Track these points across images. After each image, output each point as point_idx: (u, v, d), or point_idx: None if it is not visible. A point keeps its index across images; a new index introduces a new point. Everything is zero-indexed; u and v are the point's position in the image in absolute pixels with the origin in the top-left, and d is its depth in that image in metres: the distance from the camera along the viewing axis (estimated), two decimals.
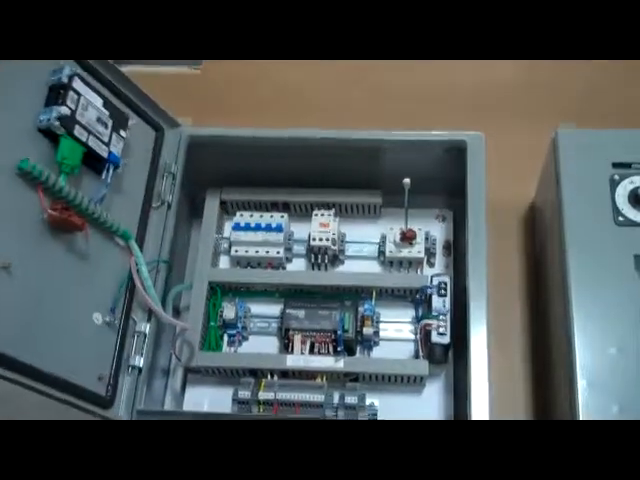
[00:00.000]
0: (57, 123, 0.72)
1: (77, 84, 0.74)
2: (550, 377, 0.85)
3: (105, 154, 0.77)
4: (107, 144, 0.77)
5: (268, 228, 0.90)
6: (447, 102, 1.05)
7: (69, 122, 0.73)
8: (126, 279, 0.81)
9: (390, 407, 0.83)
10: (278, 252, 0.90)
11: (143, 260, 0.81)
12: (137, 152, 0.85)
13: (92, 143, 0.75)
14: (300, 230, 0.92)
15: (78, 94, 0.74)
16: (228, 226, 0.93)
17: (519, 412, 0.87)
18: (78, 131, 0.74)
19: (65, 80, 0.73)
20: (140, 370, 0.80)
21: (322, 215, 0.90)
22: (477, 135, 0.86)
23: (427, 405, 0.84)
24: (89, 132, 0.75)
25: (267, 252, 0.90)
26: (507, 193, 0.97)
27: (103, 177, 0.78)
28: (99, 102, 0.77)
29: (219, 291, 0.89)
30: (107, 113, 0.78)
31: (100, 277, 0.78)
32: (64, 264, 0.74)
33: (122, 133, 0.79)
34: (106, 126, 0.77)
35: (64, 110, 0.72)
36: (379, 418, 0.82)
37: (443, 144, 0.87)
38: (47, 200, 0.71)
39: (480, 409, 0.74)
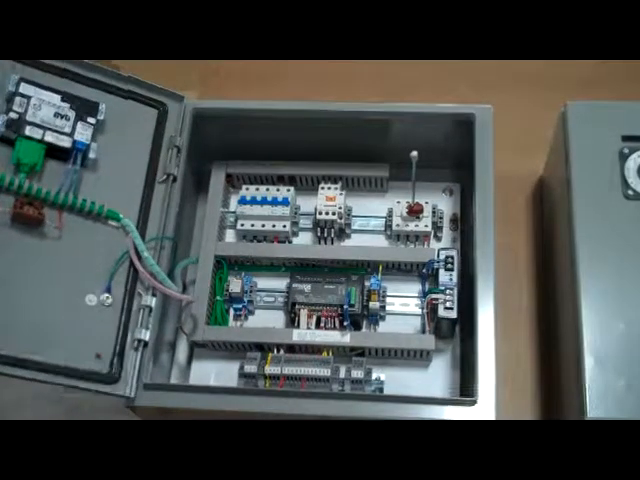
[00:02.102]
0: (3, 129, 0.79)
1: (25, 88, 0.81)
2: (557, 354, 0.85)
3: (68, 144, 0.81)
4: (70, 134, 0.82)
5: (274, 202, 0.90)
6: (455, 74, 1.04)
7: (18, 125, 0.80)
8: (122, 258, 0.82)
9: (396, 381, 0.83)
10: (284, 226, 0.89)
11: (140, 237, 0.82)
12: (135, 130, 0.87)
13: (50, 138, 0.81)
14: (306, 204, 0.92)
15: (27, 97, 0.81)
16: (234, 200, 0.93)
17: (526, 391, 0.87)
18: (31, 131, 0.80)
19: (12, 89, 0.80)
20: (146, 344, 0.80)
21: (328, 189, 0.90)
22: (485, 108, 0.86)
23: (433, 380, 0.84)
24: (45, 129, 0.80)
25: (273, 226, 0.89)
26: (515, 167, 0.97)
27: (71, 165, 0.82)
28: (56, 98, 0.82)
29: (225, 265, 0.89)
30: (67, 105, 0.82)
31: (93, 260, 0.81)
32: (39, 256, 0.78)
33: (90, 120, 0.83)
34: (67, 118, 0.81)
35: (12, 115, 0.80)
36: (385, 392, 0.82)
37: (451, 117, 0.86)
38: (10, 199, 0.78)
39: (486, 386, 0.75)
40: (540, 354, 0.89)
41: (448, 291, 0.83)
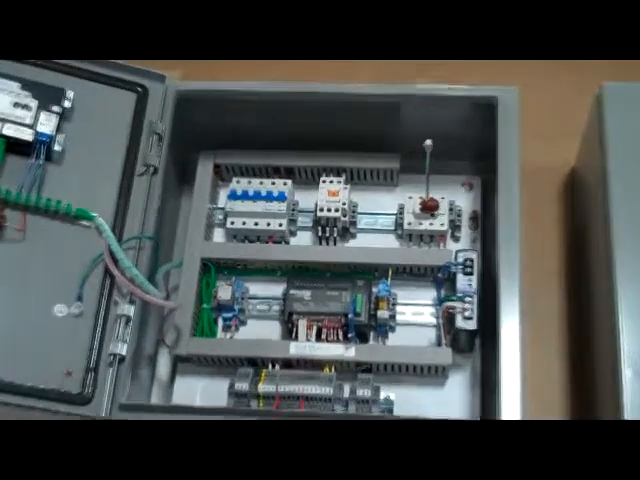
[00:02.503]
0: None
1: None
2: (591, 367, 0.85)
3: (30, 137, 0.82)
4: (31, 126, 0.82)
5: (269, 197, 0.90)
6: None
7: None
8: (95, 262, 0.82)
9: (408, 401, 0.83)
10: (280, 224, 0.89)
11: (114, 238, 0.82)
12: (109, 117, 0.87)
13: (9, 131, 0.81)
14: (305, 199, 0.92)
15: None
16: (223, 194, 0.93)
17: (554, 407, 0.87)
18: None
19: None
20: (123, 358, 0.80)
21: (331, 182, 0.90)
22: (510, 90, 0.85)
23: (450, 400, 0.84)
24: (3, 121, 0.81)
25: (268, 224, 0.89)
26: (544, 157, 0.97)
27: (34, 160, 0.82)
28: (14, 86, 0.82)
29: (213, 269, 0.89)
30: (27, 94, 0.82)
31: (62, 266, 0.81)
32: (0, 262, 0.80)
33: (55, 108, 0.83)
34: (28, 108, 0.82)
35: None
36: (395, 413, 0.82)
37: (471, 100, 0.86)
38: None
39: (511, 406, 0.74)
40: (571, 368, 0.89)
41: (467, 299, 0.83)
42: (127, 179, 0.86)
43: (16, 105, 0.81)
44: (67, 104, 0.84)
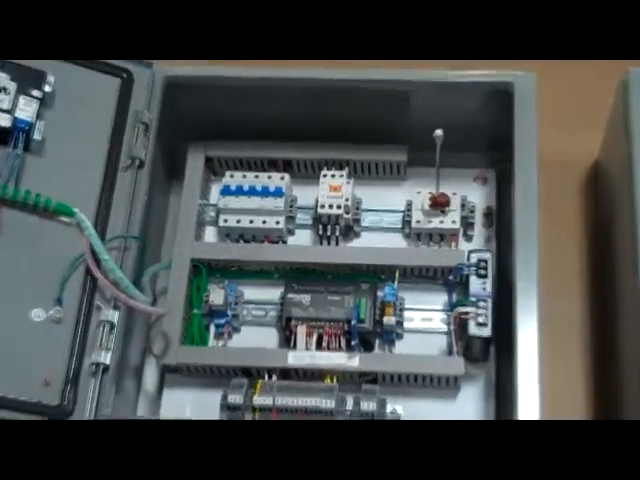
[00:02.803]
0: None
1: None
2: (615, 375, 0.85)
3: (7, 123, 0.81)
4: (9, 111, 0.82)
5: (265, 192, 0.90)
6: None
7: None
8: (76, 263, 0.82)
9: (416, 415, 0.83)
10: (277, 222, 0.89)
11: (98, 236, 0.82)
12: (92, 105, 0.87)
13: None
14: (305, 195, 0.92)
15: None
16: (215, 190, 0.93)
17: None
18: None
19: None
20: (106, 368, 0.79)
21: (332, 176, 0.90)
22: (527, 75, 0.85)
23: (462, 413, 0.84)
24: None
25: (264, 222, 0.89)
26: (564, 148, 0.96)
27: (11, 149, 0.82)
28: None
29: (204, 271, 0.89)
30: (6, 76, 0.82)
31: (40, 266, 0.81)
32: None
33: (35, 93, 0.83)
34: (6, 91, 0.81)
35: None
36: None
37: (485, 86, 0.87)
38: None
39: (529, 419, 0.74)
40: (594, 377, 0.89)
41: (481, 303, 0.83)
42: (111, 172, 0.86)
43: None
44: (47, 89, 0.84)
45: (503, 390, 0.83)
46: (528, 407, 0.74)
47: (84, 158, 0.86)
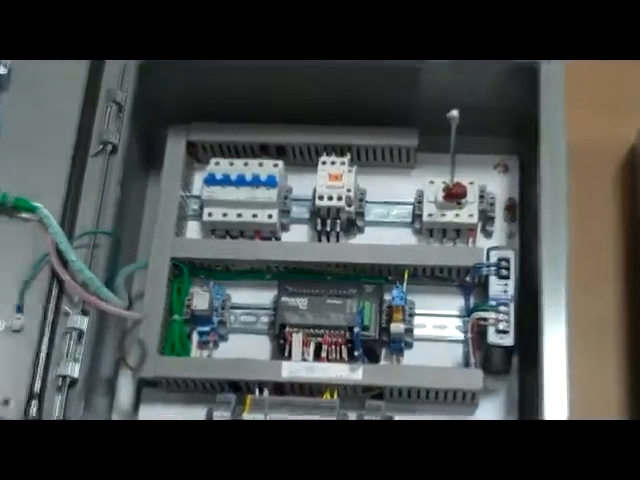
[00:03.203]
0: None
1: None
2: None
3: None
4: None
5: (256, 181, 0.89)
6: None
7: None
8: (39, 264, 0.82)
9: None
10: (270, 216, 0.89)
11: (63, 233, 0.82)
12: (58, 84, 0.88)
13: None
14: (301, 184, 0.92)
15: None
16: (199, 179, 0.93)
17: None
18: None
19: None
20: (75, 381, 0.79)
21: (332, 163, 0.90)
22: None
23: None
24: None
25: (254, 216, 0.89)
26: (597, 133, 0.97)
27: None
28: None
29: (186, 271, 0.89)
30: None
31: None
32: None
33: None
34: None
35: None
36: None
37: (507, 64, 0.87)
38: None
39: None
40: (630, 390, 0.89)
41: (502, 308, 0.83)
42: (80, 161, 0.86)
43: None
44: (2, 70, 0.85)
45: (527, 407, 0.83)
46: None
47: (49, 145, 0.86)
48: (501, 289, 0.84)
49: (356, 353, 0.83)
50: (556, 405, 0.75)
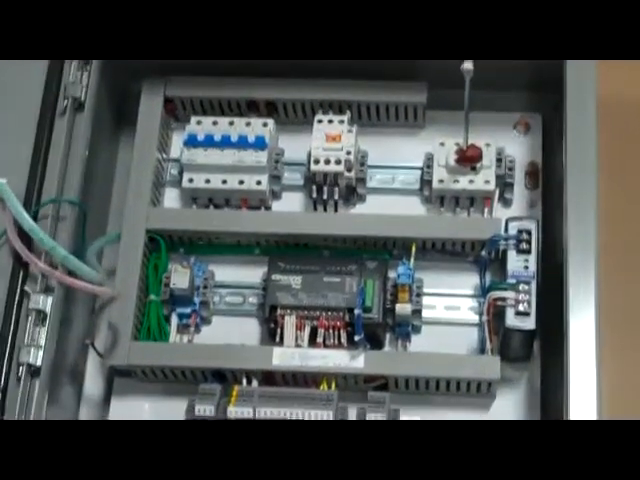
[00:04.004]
0: None
1: None
2: None
3: None
4: None
5: (242, 143, 0.89)
6: None
7: None
8: None
9: None
10: (259, 182, 0.89)
11: (18, 203, 0.83)
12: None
13: None
14: (294, 146, 0.92)
15: None
16: (178, 140, 0.93)
17: None
18: None
19: None
20: (37, 371, 0.80)
21: (330, 122, 0.90)
22: None
23: None
24: None
25: (241, 182, 0.89)
26: (631, 87, 0.97)
27: None
28: None
29: (163, 245, 0.89)
30: None
31: None
32: None
33: None
34: None
35: None
36: None
37: None
38: None
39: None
40: None
41: (522, 286, 0.83)
42: (43, 119, 0.86)
43: None
44: None
45: (551, 397, 0.83)
46: (583, 418, 0.75)
47: (14, 111, 0.87)
48: (521, 265, 0.84)
49: (357, 338, 0.83)
50: (584, 397, 0.75)
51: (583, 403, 0.75)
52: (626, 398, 0.87)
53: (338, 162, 0.88)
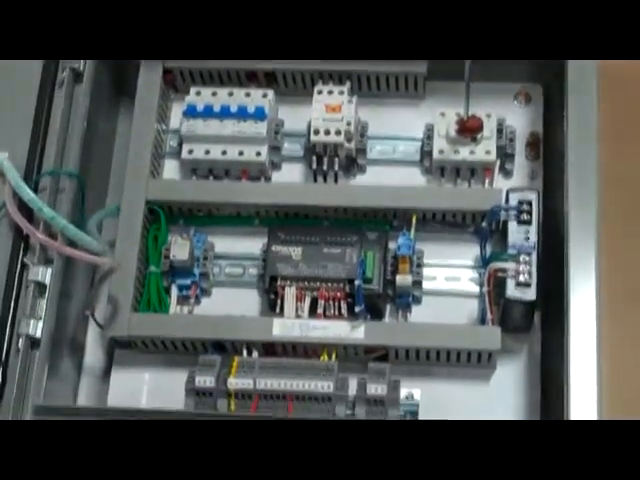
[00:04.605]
0: None
1: None
2: None
3: None
4: None
5: (242, 113, 0.89)
6: None
7: None
8: None
9: (438, 402, 0.84)
10: (258, 153, 0.89)
11: (18, 175, 0.83)
12: None
13: None
14: (294, 117, 0.92)
15: None
16: (177, 111, 0.93)
17: None
18: None
19: None
20: (37, 343, 0.80)
21: (330, 93, 0.90)
22: None
23: (497, 399, 0.85)
24: None
25: (241, 153, 0.89)
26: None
27: None
28: None
29: (163, 217, 0.89)
30: None
31: None
32: None
33: None
34: None
35: None
36: (421, 418, 0.83)
37: None
38: None
39: (584, 407, 0.75)
40: None
41: (523, 257, 0.83)
42: (43, 90, 0.87)
43: None
44: None
45: (551, 369, 0.83)
46: (583, 391, 0.75)
47: (14, 83, 0.87)
48: (522, 236, 0.84)
49: (357, 309, 0.83)
50: (584, 367, 0.75)
51: (583, 374, 0.75)
52: (626, 370, 0.87)
53: (338, 133, 0.88)
